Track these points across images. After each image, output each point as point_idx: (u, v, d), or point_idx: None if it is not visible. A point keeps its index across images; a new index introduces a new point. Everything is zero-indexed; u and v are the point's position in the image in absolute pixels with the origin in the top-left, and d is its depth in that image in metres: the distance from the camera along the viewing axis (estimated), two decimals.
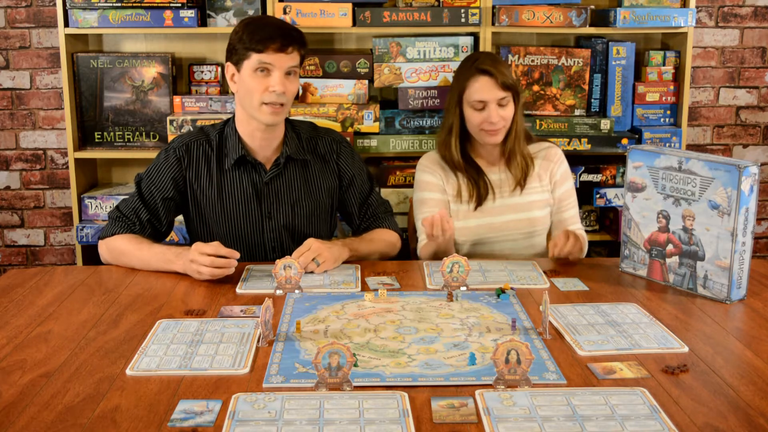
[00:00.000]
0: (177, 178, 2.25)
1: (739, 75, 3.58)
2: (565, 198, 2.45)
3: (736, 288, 1.89)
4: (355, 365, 1.49)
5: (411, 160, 3.11)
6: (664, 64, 3.21)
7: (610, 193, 3.18)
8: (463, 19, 3.03)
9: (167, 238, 2.49)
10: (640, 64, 3.23)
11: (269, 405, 1.36)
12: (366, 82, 3.10)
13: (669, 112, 3.22)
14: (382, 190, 3.08)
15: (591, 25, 3.09)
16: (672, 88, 3.20)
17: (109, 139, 3.18)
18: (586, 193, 3.19)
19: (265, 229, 2.29)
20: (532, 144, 2.48)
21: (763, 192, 3.68)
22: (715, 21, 3.52)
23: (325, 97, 3.10)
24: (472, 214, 2.41)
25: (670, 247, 2.01)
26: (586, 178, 3.19)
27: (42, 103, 3.48)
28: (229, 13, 3.06)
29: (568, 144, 3.10)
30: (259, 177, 2.27)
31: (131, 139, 3.18)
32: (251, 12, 3.04)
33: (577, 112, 3.16)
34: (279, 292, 1.94)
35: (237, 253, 2.01)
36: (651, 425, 1.30)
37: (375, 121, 3.10)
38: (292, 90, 2.17)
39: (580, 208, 3.13)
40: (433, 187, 2.43)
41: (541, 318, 1.71)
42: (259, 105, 2.15)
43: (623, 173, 2.97)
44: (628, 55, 3.16)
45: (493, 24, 3.06)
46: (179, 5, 2.99)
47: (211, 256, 1.99)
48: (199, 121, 3.02)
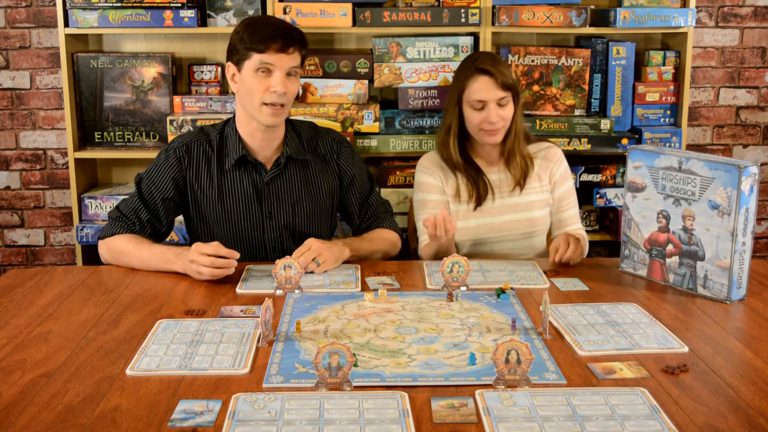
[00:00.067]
0: (177, 178, 2.25)
1: (739, 75, 3.58)
2: (565, 198, 2.45)
3: (736, 288, 1.89)
4: (355, 365, 1.49)
5: (411, 160, 3.11)
6: (664, 64, 3.21)
7: (610, 193, 3.18)
8: (463, 19, 3.03)
9: (167, 238, 2.49)
10: (640, 64, 3.23)
11: (269, 405, 1.36)
12: (366, 82, 3.10)
13: (669, 112, 3.22)
14: (382, 190, 3.08)
15: (591, 25, 3.08)
16: (672, 88, 3.20)
17: (109, 139, 3.18)
18: (586, 193, 3.19)
19: (266, 229, 2.29)
20: (531, 144, 2.48)
21: (763, 192, 3.68)
22: (715, 21, 3.52)
23: (325, 97, 3.10)
24: (472, 214, 2.41)
25: (670, 247, 2.01)
26: (586, 178, 3.19)
27: (42, 103, 3.48)
28: (229, 13, 3.06)
29: (568, 144, 3.10)
30: (260, 177, 2.27)
31: (131, 139, 3.18)
32: (251, 12, 3.04)
33: (577, 112, 3.16)
34: (279, 292, 1.94)
35: (237, 254, 2.01)
36: (651, 425, 1.30)
37: (375, 121, 3.10)
38: (293, 90, 2.17)
39: (580, 208, 3.13)
40: (433, 188, 2.43)
41: (541, 318, 1.71)
42: (259, 105, 2.15)
43: (623, 173, 2.97)
44: (628, 55, 3.16)
45: (493, 24, 3.06)
46: (179, 5, 2.99)
47: (211, 257, 1.99)
48: (199, 121, 3.02)
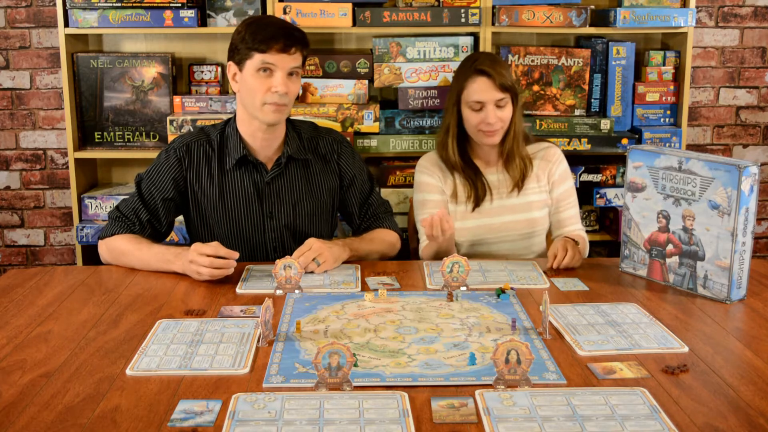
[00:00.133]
0: (177, 178, 2.25)
1: (739, 75, 3.58)
2: (564, 198, 2.45)
3: (736, 288, 1.89)
4: (355, 365, 1.49)
5: (411, 160, 3.11)
6: (664, 64, 3.21)
7: (610, 193, 3.18)
8: (463, 19, 3.03)
9: (167, 239, 2.49)
10: (640, 64, 3.23)
11: (269, 405, 1.36)
12: (366, 82, 3.10)
13: (669, 112, 3.22)
14: (382, 190, 3.09)
15: (591, 25, 3.08)
16: (672, 88, 3.20)
17: (109, 139, 3.18)
18: (586, 193, 3.19)
19: (267, 229, 2.29)
20: (531, 144, 2.47)
21: (763, 192, 3.68)
22: (715, 21, 3.52)
23: (325, 97, 3.10)
24: (470, 215, 2.41)
25: (670, 247, 2.01)
26: (586, 178, 3.19)
27: (42, 103, 3.48)
28: (229, 13, 3.06)
29: (568, 144, 3.10)
30: (261, 177, 2.27)
31: (131, 139, 3.18)
32: (251, 12, 3.04)
33: (577, 112, 3.16)
34: (279, 292, 1.94)
35: (236, 254, 2.01)
36: (651, 425, 1.30)
37: (375, 121, 3.10)
38: (294, 90, 2.18)
39: (581, 208, 3.13)
40: (432, 188, 2.43)
41: (541, 318, 1.71)
42: (261, 105, 2.15)
43: (623, 173, 2.97)
44: (628, 55, 3.16)
45: (493, 24, 3.06)
46: (179, 5, 2.99)
47: (210, 257, 1.99)
48: (199, 121, 3.02)
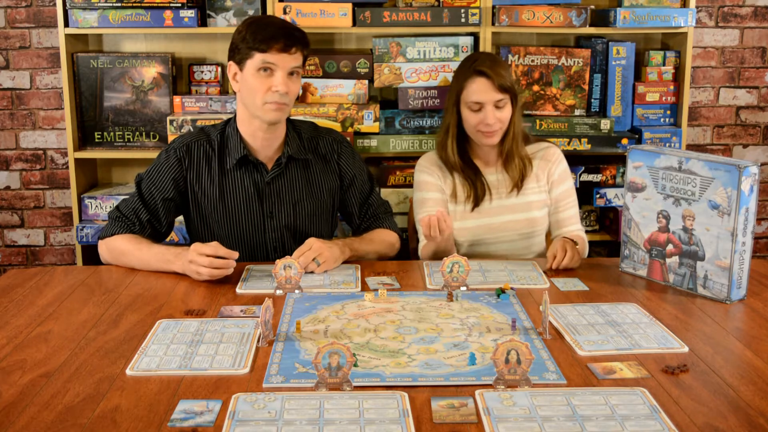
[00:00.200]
0: (177, 178, 2.25)
1: (739, 75, 3.58)
2: (563, 198, 2.45)
3: (736, 288, 1.89)
4: (355, 365, 1.49)
5: (411, 160, 3.11)
6: (664, 64, 3.21)
7: (610, 193, 3.18)
8: (463, 19, 3.03)
9: (167, 239, 2.49)
10: (640, 64, 3.23)
11: (269, 405, 1.36)
12: (366, 82, 3.10)
13: (669, 112, 3.22)
14: (382, 190, 3.09)
15: (591, 25, 3.08)
16: (672, 88, 3.20)
17: (109, 139, 3.18)
18: (586, 193, 3.19)
19: (267, 229, 2.29)
20: (530, 144, 2.47)
21: (763, 192, 3.68)
22: (715, 21, 3.52)
23: (325, 97, 3.10)
24: (470, 215, 2.40)
25: (670, 247, 2.01)
26: (586, 178, 3.19)
27: (42, 103, 3.48)
28: (229, 13, 3.06)
29: (568, 144, 3.10)
30: (261, 177, 2.27)
31: (131, 139, 3.18)
32: (251, 12, 3.04)
33: (577, 112, 3.16)
34: (279, 292, 1.94)
35: (236, 254, 2.01)
36: (651, 425, 1.30)
37: (375, 121, 3.09)
38: (295, 90, 2.18)
39: (580, 208, 3.13)
40: (432, 187, 2.43)
41: (541, 318, 1.71)
42: (262, 104, 2.15)
43: (623, 173, 2.97)
44: (628, 55, 3.16)
45: (493, 24, 3.06)
46: (179, 5, 2.99)
47: (210, 257, 1.99)
48: (199, 121, 3.02)
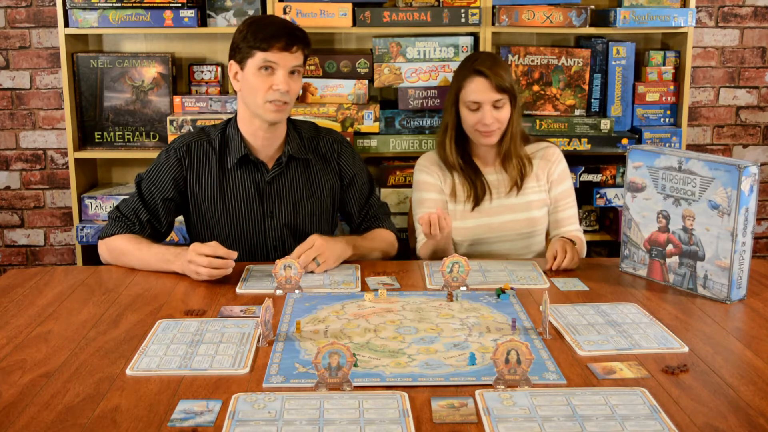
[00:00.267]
0: (177, 178, 2.25)
1: (739, 75, 3.58)
2: (562, 198, 2.44)
3: (736, 288, 1.89)
4: (355, 365, 1.49)
5: (411, 160, 3.10)
6: (664, 64, 3.21)
7: (610, 193, 3.18)
8: (463, 19, 3.03)
9: (167, 239, 2.49)
10: (640, 64, 3.23)
11: (269, 405, 1.36)
12: (366, 82, 3.10)
13: (669, 112, 3.22)
14: (383, 190, 3.09)
15: (591, 25, 3.08)
16: (672, 88, 3.20)
17: (109, 139, 3.18)
18: (586, 193, 3.19)
19: (267, 229, 2.29)
20: (530, 144, 2.47)
21: (763, 192, 3.68)
22: (715, 21, 3.52)
23: (325, 97, 3.10)
24: (470, 214, 2.40)
25: (670, 247, 2.01)
26: (586, 178, 3.19)
27: (42, 103, 3.48)
28: (229, 13, 3.06)
29: (568, 144, 3.10)
30: (261, 176, 2.27)
31: (131, 139, 3.18)
32: (251, 12, 3.04)
33: (577, 112, 3.16)
34: (279, 292, 1.94)
35: (234, 253, 2.01)
36: (651, 425, 1.30)
37: (375, 121, 3.09)
38: (296, 89, 2.18)
39: (580, 208, 3.13)
40: (431, 187, 2.43)
41: (541, 318, 1.71)
42: (263, 103, 2.16)
43: (623, 173, 2.97)
44: (628, 55, 3.16)
45: (493, 24, 3.06)
46: (179, 5, 2.99)
47: (209, 257, 1.99)
48: (199, 121, 3.02)
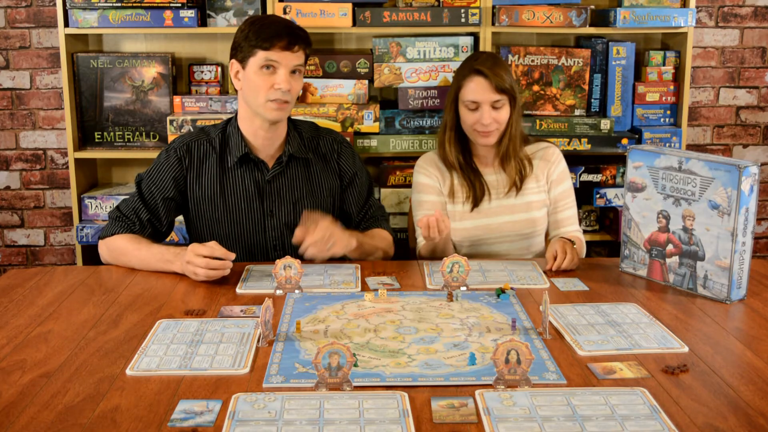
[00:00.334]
0: (178, 177, 2.25)
1: (739, 75, 3.58)
2: (562, 198, 2.44)
3: (736, 288, 1.89)
4: (355, 365, 1.49)
5: (411, 160, 3.10)
6: (664, 64, 3.21)
7: (610, 193, 3.18)
8: (463, 19, 3.03)
9: (167, 239, 2.49)
10: (640, 64, 3.23)
11: (269, 405, 1.36)
12: (366, 82, 3.10)
13: (669, 112, 3.22)
14: (382, 190, 3.09)
15: (591, 25, 3.08)
16: (672, 88, 3.20)
17: (109, 139, 3.18)
18: (586, 193, 3.19)
19: (267, 228, 2.29)
20: (530, 145, 2.47)
21: (763, 192, 3.68)
22: (715, 21, 3.52)
23: (325, 97, 3.10)
24: (468, 215, 2.40)
25: (670, 247, 2.01)
26: (586, 178, 3.19)
27: (42, 103, 3.48)
28: (229, 13, 3.06)
29: (568, 144, 3.10)
30: (262, 175, 2.27)
31: (131, 139, 3.18)
32: (251, 12, 3.04)
33: (577, 112, 3.16)
34: (279, 292, 1.94)
35: (232, 255, 2.02)
36: (651, 425, 1.30)
37: (375, 121, 3.09)
38: (297, 88, 2.19)
39: (580, 208, 3.13)
40: (429, 188, 2.43)
41: (541, 318, 1.71)
42: (264, 102, 2.16)
43: (623, 173, 2.97)
44: (628, 55, 3.16)
45: (493, 24, 3.06)
46: (179, 5, 2.99)
47: (206, 258, 1.99)
48: (199, 121, 3.02)
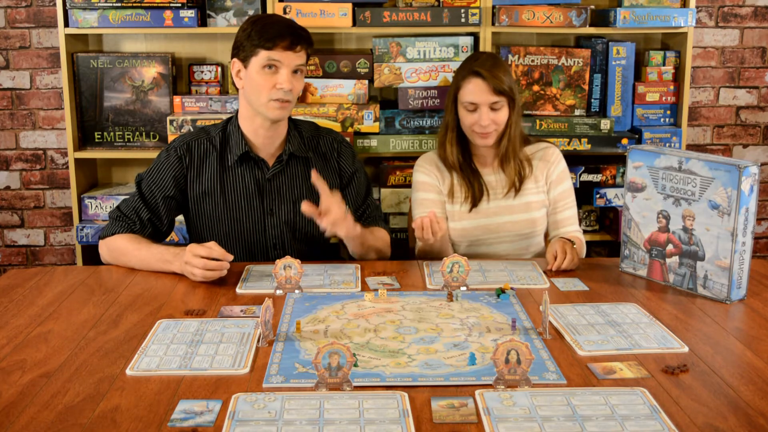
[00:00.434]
0: (178, 177, 2.26)
1: (739, 75, 3.58)
2: (562, 198, 2.44)
3: (736, 288, 1.89)
4: (355, 365, 1.49)
5: (411, 160, 3.10)
6: (664, 64, 3.21)
7: (610, 193, 3.18)
8: (463, 19, 3.03)
9: (167, 239, 2.49)
10: (640, 64, 3.23)
11: (269, 405, 1.36)
12: (366, 82, 3.10)
13: (669, 112, 3.22)
14: (382, 190, 3.09)
15: (591, 25, 3.08)
16: (672, 88, 3.20)
17: (109, 139, 3.18)
18: (586, 193, 3.18)
19: (267, 226, 2.29)
20: (530, 145, 2.47)
21: (763, 192, 3.68)
22: (715, 21, 3.52)
23: (325, 97, 3.10)
24: (467, 215, 2.40)
25: (670, 247, 2.01)
26: (586, 178, 3.19)
27: (42, 103, 3.48)
28: (229, 13, 3.06)
29: (568, 144, 3.10)
30: (262, 173, 2.27)
31: (131, 139, 3.18)
32: (251, 12, 3.04)
33: (577, 112, 3.16)
34: (279, 292, 1.94)
35: (230, 256, 2.02)
36: (651, 425, 1.30)
37: (375, 121, 3.09)
38: (298, 88, 2.20)
39: (580, 208, 3.13)
40: (429, 187, 2.43)
41: (541, 318, 1.71)
42: (266, 101, 2.17)
43: (623, 173, 2.97)
44: (628, 55, 3.16)
45: (493, 24, 3.06)
46: (179, 5, 2.99)
47: (204, 259, 1.99)
48: (199, 121, 3.02)
